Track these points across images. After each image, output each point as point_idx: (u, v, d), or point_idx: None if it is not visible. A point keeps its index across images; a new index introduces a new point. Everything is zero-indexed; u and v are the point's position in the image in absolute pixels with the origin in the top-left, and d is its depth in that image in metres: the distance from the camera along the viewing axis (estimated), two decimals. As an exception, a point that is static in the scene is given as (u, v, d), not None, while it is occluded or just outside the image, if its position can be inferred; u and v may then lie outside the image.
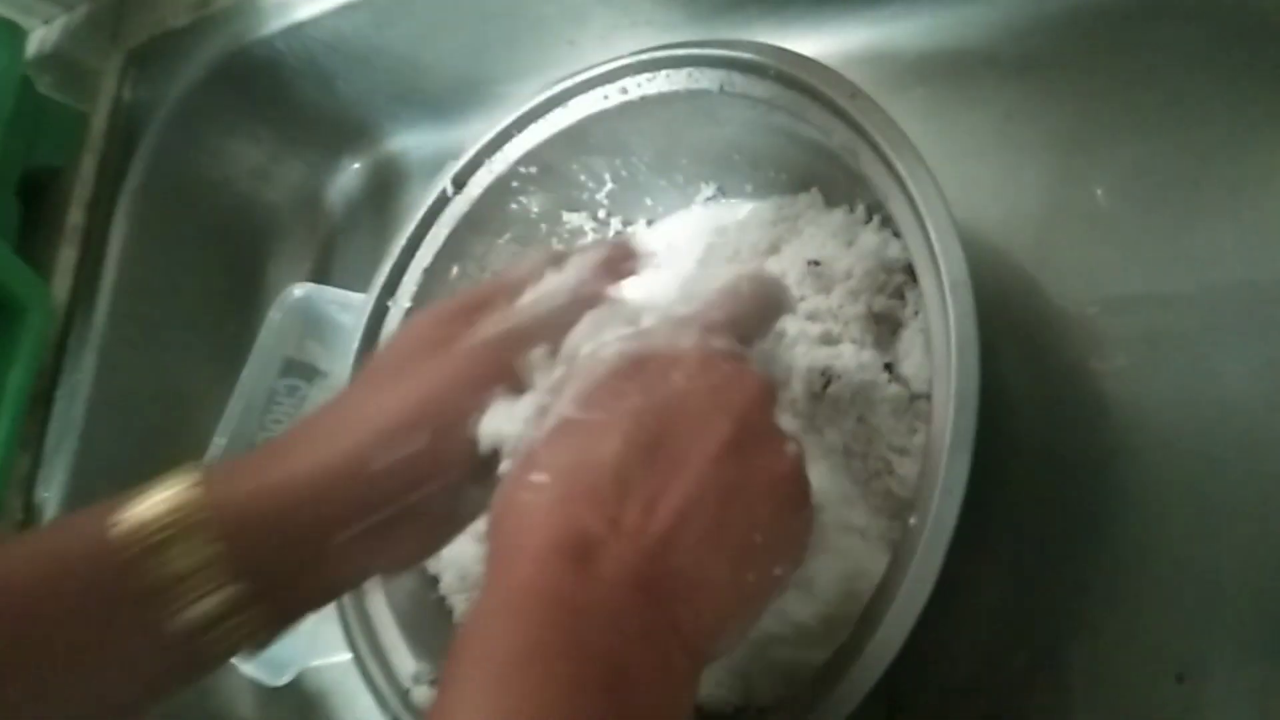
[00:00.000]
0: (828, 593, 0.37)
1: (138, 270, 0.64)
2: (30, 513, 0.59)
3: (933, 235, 0.34)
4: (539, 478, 0.28)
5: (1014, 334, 0.44)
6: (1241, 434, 0.38)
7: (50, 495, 0.59)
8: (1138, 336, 0.41)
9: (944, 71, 0.49)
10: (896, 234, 0.38)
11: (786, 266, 0.43)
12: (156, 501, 0.29)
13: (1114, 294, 0.42)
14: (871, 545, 0.38)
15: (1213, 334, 0.40)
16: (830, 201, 0.45)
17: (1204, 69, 0.43)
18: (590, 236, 0.53)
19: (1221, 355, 0.39)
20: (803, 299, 0.41)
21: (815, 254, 0.42)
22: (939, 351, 0.33)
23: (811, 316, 0.41)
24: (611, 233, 0.53)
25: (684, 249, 0.49)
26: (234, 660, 0.52)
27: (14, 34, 0.63)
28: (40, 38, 0.74)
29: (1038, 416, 0.43)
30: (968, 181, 0.46)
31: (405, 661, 0.43)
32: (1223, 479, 0.38)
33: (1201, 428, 0.39)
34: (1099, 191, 0.44)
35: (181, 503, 0.29)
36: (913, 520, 0.32)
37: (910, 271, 0.39)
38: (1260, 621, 0.36)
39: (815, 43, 0.53)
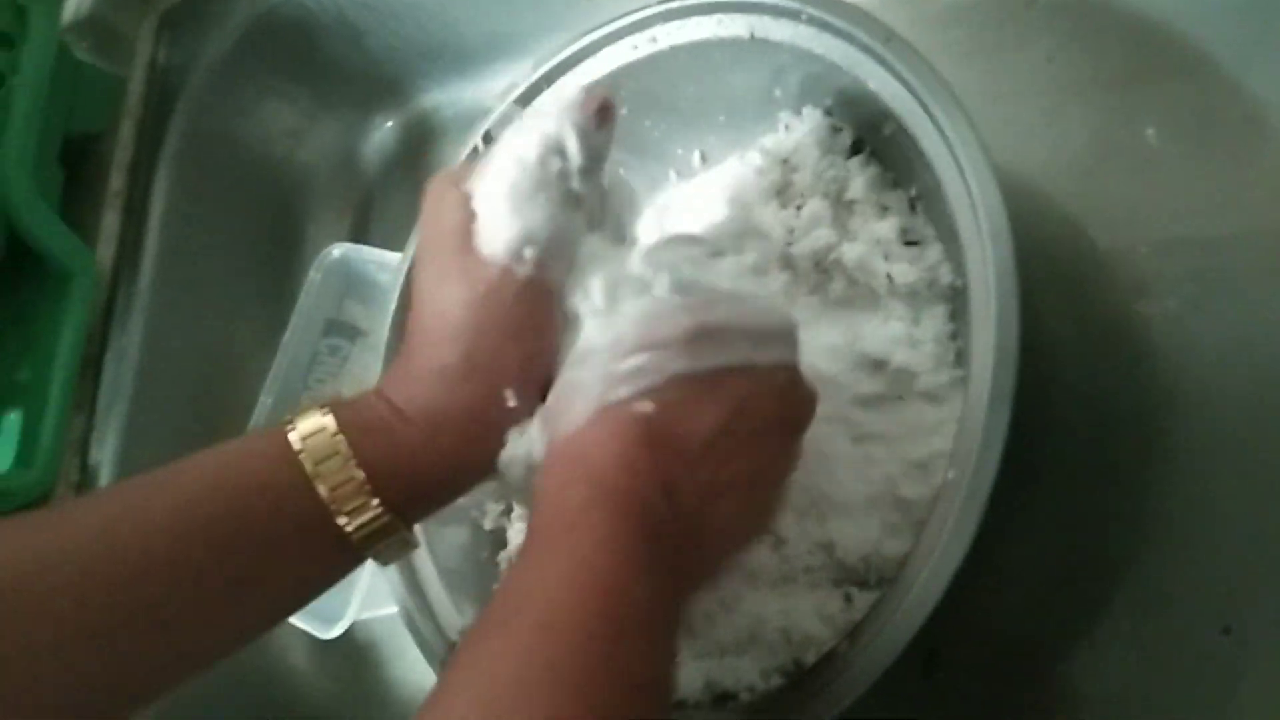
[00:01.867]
0: None
1: (179, 233, 0.65)
2: (85, 473, 0.60)
3: (971, 183, 0.33)
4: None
5: (1058, 279, 0.43)
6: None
7: (104, 456, 0.60)
8: (1186, 280, 0.40)
9: (984, 11, 0.47)
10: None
11: None
12: (315, 431, 0.33)
13: (1163, 236, 0.41)
14: None
15: (1265, 278, 0.39)
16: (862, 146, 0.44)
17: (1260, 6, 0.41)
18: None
19: (1273, 300, 0.38)
20: None
21: None
22: (978, 302, 0.32)
23: None
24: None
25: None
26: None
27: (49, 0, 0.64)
28: (75, 2, 0.74)
29: (1083, 363, 0.42)
30: (1010, 124, 0.45)
31: (452, 615, 0.44)
32: (1272, 428, 0.37)
33: (1250, 375, 0.38)
34: (1150, 131, 0.42)
35: (332, 434, 0.33)
36: (951, 474, 0.32)
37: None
38: (1311, 574, 0.35)
39: (852, -18, 0.52)
